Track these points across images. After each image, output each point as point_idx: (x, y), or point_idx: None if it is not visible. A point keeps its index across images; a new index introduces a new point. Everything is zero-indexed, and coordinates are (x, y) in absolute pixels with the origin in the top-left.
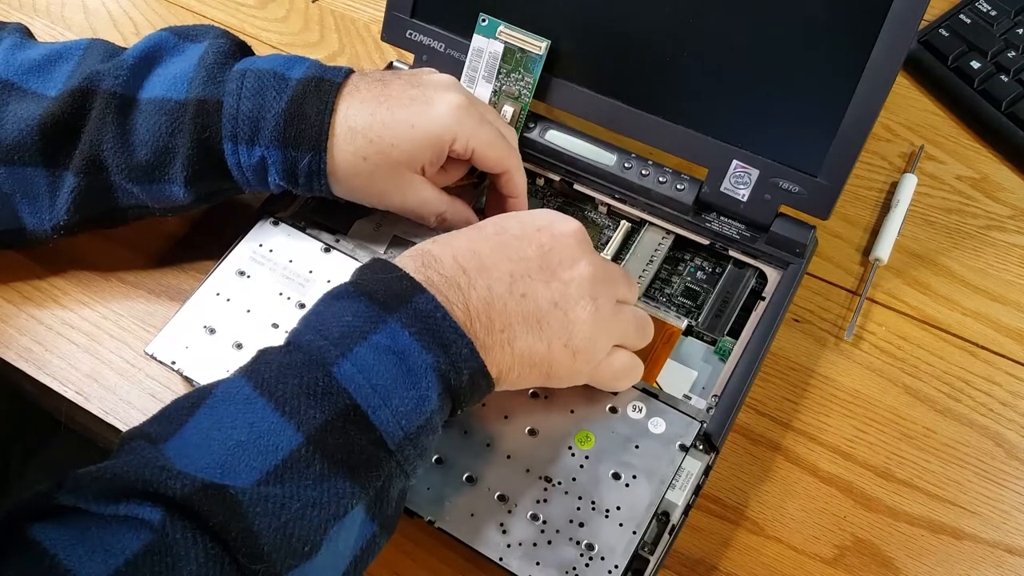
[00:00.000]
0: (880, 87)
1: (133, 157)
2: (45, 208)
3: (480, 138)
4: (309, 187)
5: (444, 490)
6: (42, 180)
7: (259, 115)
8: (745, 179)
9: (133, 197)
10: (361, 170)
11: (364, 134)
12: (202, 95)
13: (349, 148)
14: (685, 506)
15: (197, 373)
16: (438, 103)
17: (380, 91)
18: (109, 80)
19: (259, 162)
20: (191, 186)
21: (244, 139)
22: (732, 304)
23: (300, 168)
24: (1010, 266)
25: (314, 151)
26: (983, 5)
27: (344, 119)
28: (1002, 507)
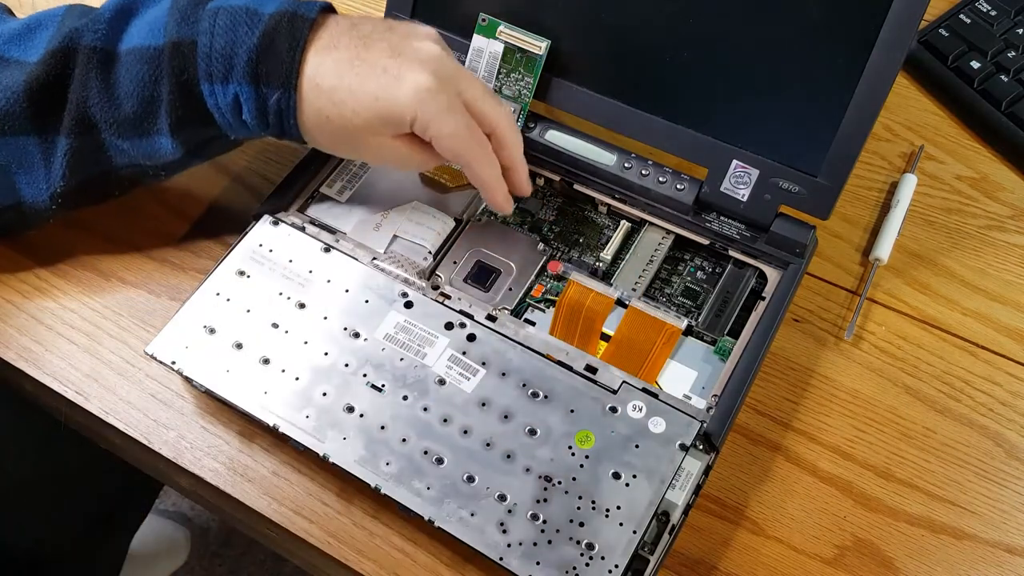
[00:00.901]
0: (880, 87)
1: (120, 111)
2: (41, 176)
3: (439, 127)
4: (280, 128)
5: (444, 490)
6: (35, 148)
7: (232, 52)
8: (745, 179)
9: (125, 155)
10: (326, 128)
11: (329, 96)
12: (177, 37)
13: (314, 105)
14: (685, 506)
15: (197, 373)
16: (407, 81)
17: (357, 53)
18: (88, 36)
19: (234, 100)
20: (177, 135)
21: (219, 77)
22: (732, 304)
23: (270, 106)
24: (1010, 266)
25: (283, 88)
26: (983, 5)
27: (313, 75)
28: (1002, 507)
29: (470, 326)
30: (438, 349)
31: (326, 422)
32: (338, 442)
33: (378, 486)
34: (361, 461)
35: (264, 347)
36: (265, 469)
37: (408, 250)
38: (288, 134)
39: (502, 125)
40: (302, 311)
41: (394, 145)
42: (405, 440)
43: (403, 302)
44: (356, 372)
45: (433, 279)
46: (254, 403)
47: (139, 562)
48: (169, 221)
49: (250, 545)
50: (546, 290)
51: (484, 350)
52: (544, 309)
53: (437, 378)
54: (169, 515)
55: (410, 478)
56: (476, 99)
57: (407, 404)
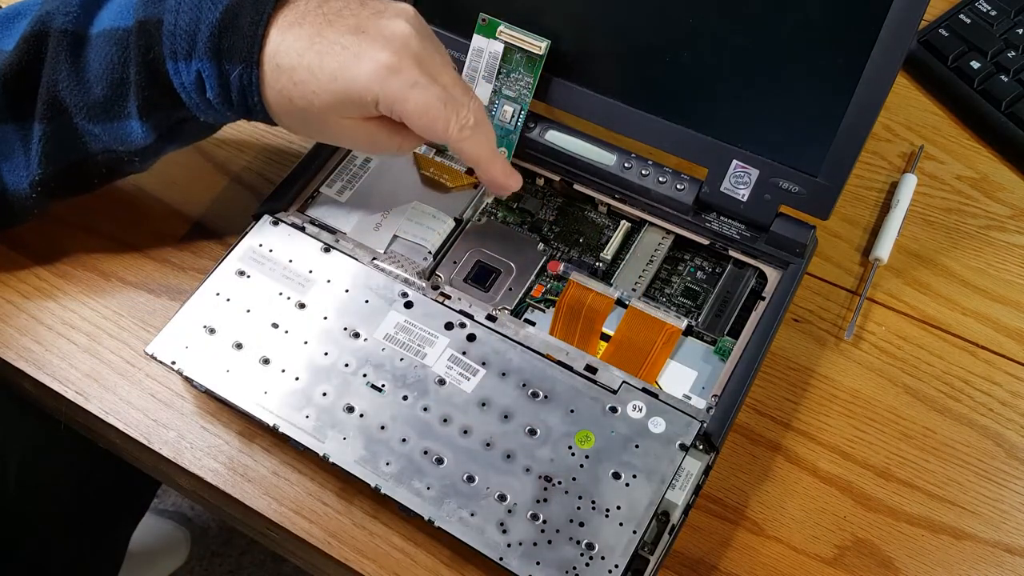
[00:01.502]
0: (880, 87)
1: (90, 94)
2: (21, 164)
3: (405, 104)
4: (245, 105)
5: (444, 490)
6: (14, 135)
7: (195, 28)
8: (745, 179)
9: (99, 141)
10: (291, 110)
11: (289, 75)
12: (144, 16)
13: (276, 86)
14: (685, 506)
15: (197, 373)
16: (365, 59)
17: (319, 30)
18: (59, 19)
19: (196, 77)
20: (146, 118)
21: (182, 55)
22: (732, 304)
23: (232, 82)
24: (1010, 266)
25: (245, 63)
26: (983, 5)
27: (274, 53)
28: (1002, 507)
29: (470, 326)
30: (438, 349)
31: (326, 422)
32: (338, 442)
33: (378, 486)
34: (361, 461)
35: (264, 347)
36: (265, 469)
37: (408, 250)
38: (255, 113)
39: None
40: (302, 311)
41: (366, 128)
42: (405, 440)
43: (403, 302)
44: (356, 372)
45: (433, 279)
46: (254, 403)
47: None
48: (169, 221)
49: (250, 545)
50: (546, 290)
51: (484, 350)
52: (544, 309)
53: (437, 378)
54: (169, 515)
55: (410, 478)
56: (446, 85)
57: (407, 404)
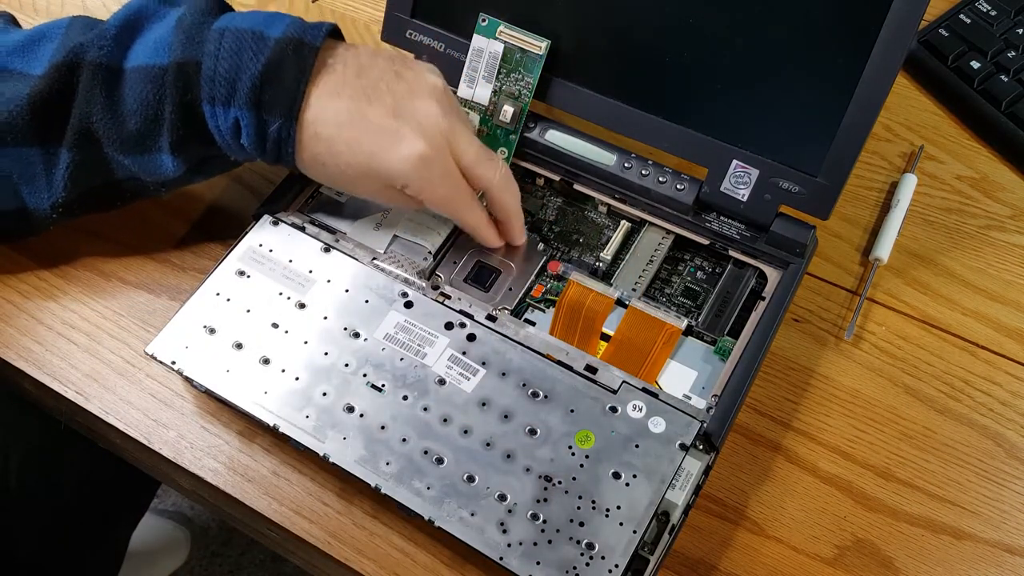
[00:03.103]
0: (880, 87)
1: (124, 128)
2: (43, 187)
3: (430, 195)
4: (277, 155)
5: (444, 490)
6: (37, 159)
7: (236, 76)
8: (745, 179)
9: (126, 170)
10: (321, 171)
11: (328, 145)
12: (182, 58)
13: (312, 150)
14: (685, 506)
15: (197, 373)
16: (403, 148)
17: (359, 107)
18: (94, 51)
19: (234, 124)
20: (178, 154)
21: (221, 100)
22: (732, 304)
23: (270, 133)
24: (1010, 266)
25: (285, 118)
26: (983, 5)
27: (314, 121)
28: (1002, 507)
29: (470, 326)
30: (438, 349)
31: (326, 422)
32: (338, 442)
33: (378, 486)
34: (361, 461)
35: (264, 347)
36: (265, 469)
37: (408, 250)
38: (284, 162)
39: (493, 186)
40: (302, 311)
41: (389, 193)
42: (405, 440)
43: (403, 302)
44: (356, 372)
45: (433, 279)
46: (254, 403)
47: (139, 561)
48: (169, 221)
49: (250, 545)
50: (546, 290)
51: (484, 350)
52: (544, 309)
53: (437, 378)
54: (169, 515)
55: (410, 478)
56: (471, 164)
57: (407, 404)
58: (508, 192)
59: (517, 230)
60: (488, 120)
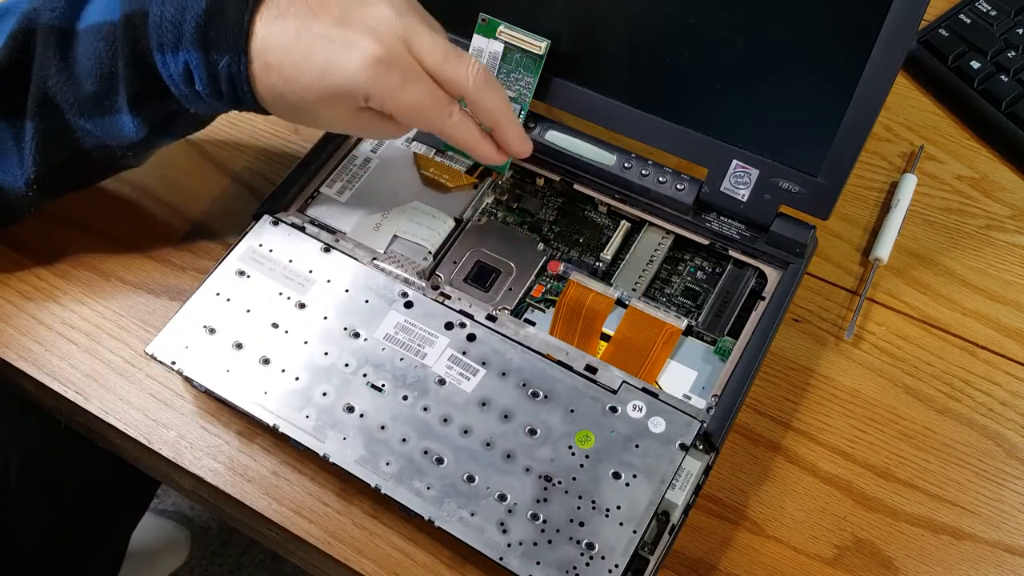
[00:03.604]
0: (880, 87)
1: (80, 90)
2: (15, 162)
3: (397, 104)
4: (235, 96)
5: (444, 490)
6: (6, 133)
7: (180, 18)
8: (745, 179)
9: (91, 136)
10: (282, 103)
11: (278, 72)
12: (130, 9)
13: (266, 82)
14: (685, 506)
15: (197, 373)
16: (354, 55)
17: (304, 23)
18: (46, 15)
19: (184, 68)
20: (137, 112)
21: (169, 46)
22: (732, 304)
23: (220, 71)
24: (1010, 266)
25: (232, 52)
26: (983, 5)
27: (261, 50)
28: (1002, 507)
29: (470, 326)
30: (438, 349)
31: (326, 422)
32: (338, 442)
33: (378, 486)
34: (361, 461)
35: (264, 347)
36: (265, 469)
37: (408, 250)
38: (245, 104)
39: (469, 85)
40: (302, 311)
41: (358, 117)
42: (405, 440)
43: (403, 302)
44: (356, 372)
45: (433, 279)
46: (254, 403)
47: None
48: (169, 221)
49: (250, 545)
50: (546, 290)
51: (484, 350)
52: (544, 309)
53: (437, 378)
54: (169, 515)
55: (410, 478)
56: (437, 63)
57: (407, 404)
58: (489, 91)
59: (513, 136)
60: None
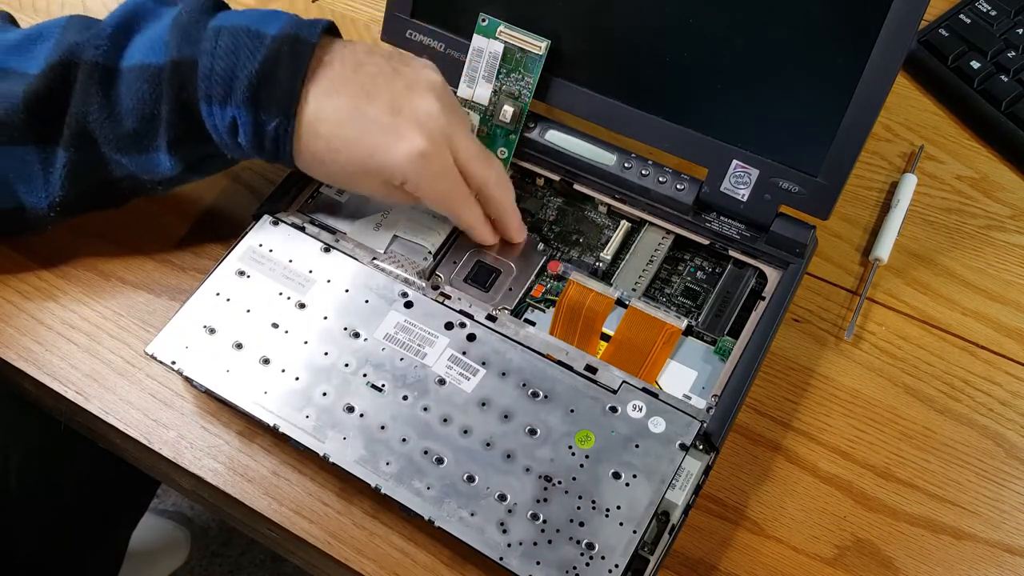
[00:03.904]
0: (880, 87)
1: (120, 127)
2: (40, 186)
3: (428, 192)
4: (275, 154)
5: (444, 490)
6: (34, 158)
7: (232, 75)
8: (745, 179)
9: (124, 169)
10: (320, 169)
11: (326, 142)
12: (178, 56)
13: (311, 148)
14: (685, 506)
15: (197, 373)
16: (402, 146)
17: (357, 104)
18: (90, 51)
19: (231, 122)
20: (175, 152)
21: (218, 99)
22: (732, 304)
23: (267, 131)
24: (1010, 266)
25: (283, 116)
26: (983, 5)
27: (313, 120)
28: (1002, 507)
29: (470, 326)
30: (438, 349)
31: (326, 422)
32: (338, 442)
33: (378, 486)
34: (361, 461)
35: (264, 347)
36: (265, 469)
37: (408, 250)
38: (282, 160)
39: (490, 184)
40: (302, 311)
41: (388, 191)
42: (405, 440)
43: (403, 302)
44: (356, 372)
45: (433, 279)
46: (254, 403)
47: (139, 561)
48: (169, 221)
49: (250, 545)
50: (546, 290)
51: (484, 350)
52: (544, 309)
53: (437, 378)
54: (169, 515)
55: (410, 478)
56: (468, 159)
57: (407, 404)
58: (503, 190)
59: (514, 227)
60: (488, 120)
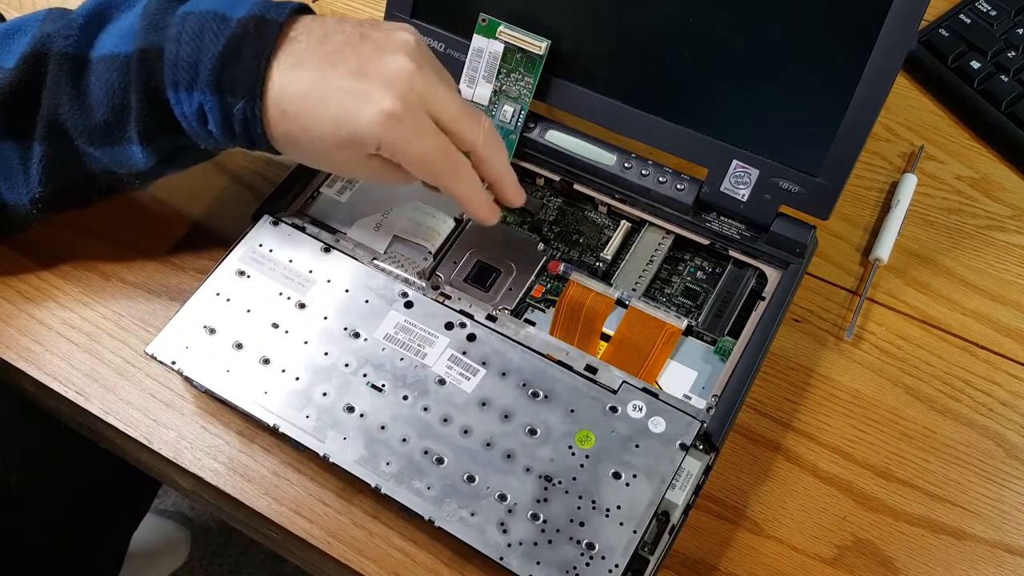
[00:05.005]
0: (880, 87)
1: (91, 119)
2: (20, 182)
3: (407, 156)
4: (248, 138)
5: (444, 490)
6: (12, 153)
7: (197, 59)
8: (745, 179)
9: (99, 163)
10: (296, 148)
11: (295, 120)
12: (145, 44)
13: (281, 127)
14: (685, 506)
15: (197, 373)
16: (369, 106)
17: (323, 73)
18: (60, 41)
19: (198, 109)
20: (147, 144)
21: (184, 85)
22: (732, 304)
23: (235, 114)
24: (1010, 266)
25: (248, 97)
26: (983, 5)
27: (278, 97)
28: (1002, 507)
29: (470, 326)
30: (438, 349)
31: (326, 422)
32: (338, 442)
33: (378, 486)
34: (361, 461)
35: (264, 347)
36: (265, 469)
37: (408, 250)
38: (257, 145)
39: (479, 143)
40: (302, 311)
41: (368, 164)
42: (405, 440)
43: (403, 302)
44: (356, 372)
45: (433, 279)
46: (254, 403)
47: (139, 562)
48: (169, 221)
49: (250, 545)
50: (546, 290)
51: (484, 350)
52: (544, 309)
53: (437, 378)
54: (169, 515)
55: (410, 478)
56: (451, 118)
57: (407, 404)
58: (495, 150)
59: (511, 190)
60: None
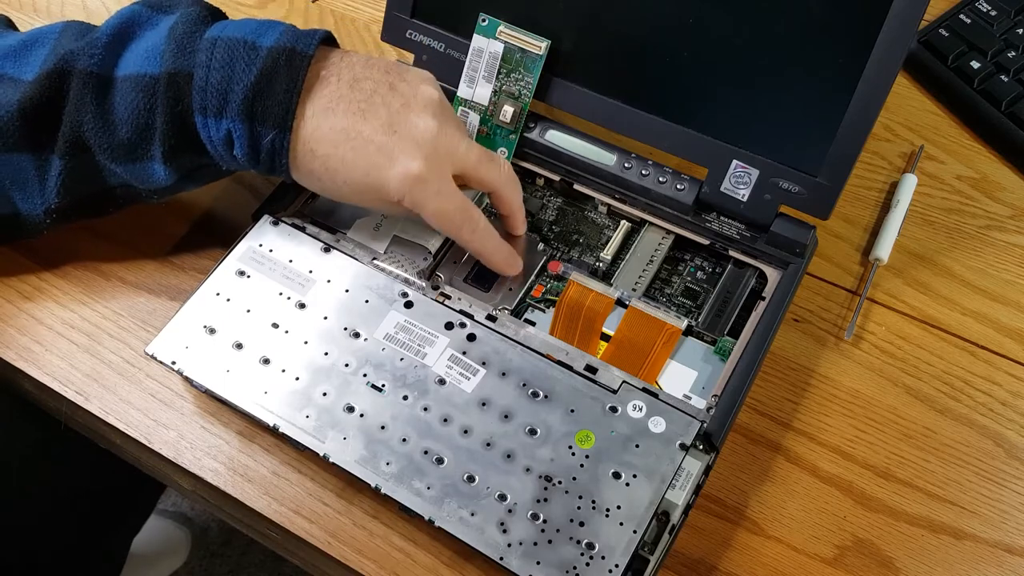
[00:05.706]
0: (880, 87)
1: (115, 137)
2: (36, 193)
3: (427, 212)
4: (271, 166)
5: (444, 490)
6: (29, 165)
7: (228, 87)
8: (745, 179)
9: (118, 178)
10: (316, 185)
11: (323, 161)
12: (173, 68)
13: (307, 166)
14: (685, 506)
15: (197, 373)
16: (398, 166)
17: (354, 123)
18: (84, 59)
19: (226, 135)
20: (169, 163)
21: (213, 111)
22: (732, 304)
23: (263, 144)
24: (1010, 266)
25: (278, 129)
26: (983, 5)
27: (308, 138)
28: (1002, 507)
29: (470, 326)
30: (438, 349)
31: (326, 422)
32: (338, 442)
33: (378, 486)
34: (361, 461)
35: (264, 347)
36: (265, 469)
37: (408, 250)
38: (277, 173)
39: (499, 185)
40: (302, 311)
41: (388, 207)
42: (405, 440)
43: (403, 302)
44: (356, 372)
45: (433, 279)
46: (254, 403)
47: (139, 562)
48: (169, 221)
49: (250, 545)
50: (546, 290)
51: (484, 350)
52: (544, 309)
53: (437, 378)
54: (169, 515)
55: (410, 478)
56: (472, 168)
57: (407, 404)
58: (513, 188)
59: (520, 223)
60: (488, 120)
